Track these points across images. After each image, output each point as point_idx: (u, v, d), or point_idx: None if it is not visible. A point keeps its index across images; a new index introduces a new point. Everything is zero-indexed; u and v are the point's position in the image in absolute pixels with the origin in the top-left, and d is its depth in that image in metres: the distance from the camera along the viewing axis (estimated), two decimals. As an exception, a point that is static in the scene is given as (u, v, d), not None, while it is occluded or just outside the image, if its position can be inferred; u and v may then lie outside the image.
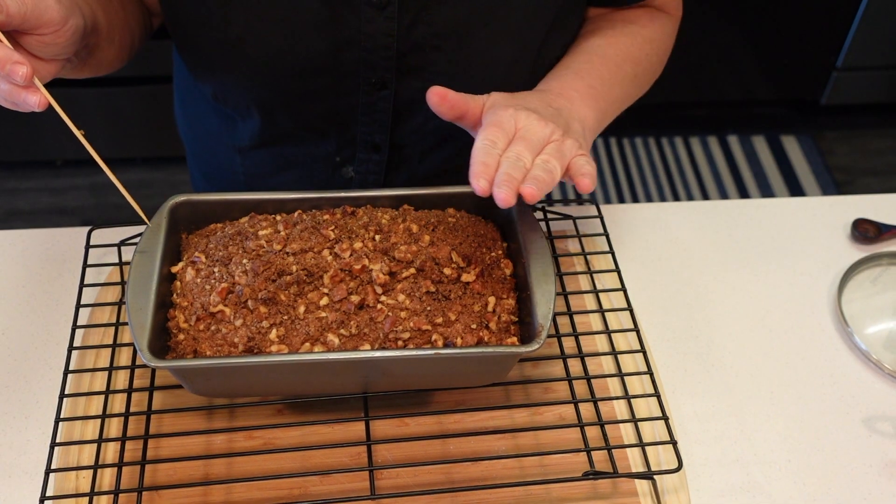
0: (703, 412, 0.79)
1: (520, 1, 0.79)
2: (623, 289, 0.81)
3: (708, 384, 0.81)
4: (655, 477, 0.71)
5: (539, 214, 0.88)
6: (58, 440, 0.69)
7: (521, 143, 0.67)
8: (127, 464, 0.69)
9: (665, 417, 0.72)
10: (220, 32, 0.78)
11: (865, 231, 0.94)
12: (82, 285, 0.78)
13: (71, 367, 0.74)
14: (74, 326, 0.76)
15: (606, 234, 0.85)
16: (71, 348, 0.74)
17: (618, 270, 0.83)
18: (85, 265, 0.80)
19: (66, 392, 0.71)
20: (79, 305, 0.77)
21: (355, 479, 0.71)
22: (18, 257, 0.88)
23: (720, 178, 2.27)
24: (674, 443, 0.71)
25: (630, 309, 0.80)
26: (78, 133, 0.66)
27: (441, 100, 0.71)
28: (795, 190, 2.23)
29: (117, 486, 0.67)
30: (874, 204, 0.98)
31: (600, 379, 0.78)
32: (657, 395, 0.74)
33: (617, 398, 0.76)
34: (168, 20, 0.83)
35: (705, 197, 2.21)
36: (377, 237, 0.72)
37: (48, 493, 0.66)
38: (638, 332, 0.79)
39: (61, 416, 0.70)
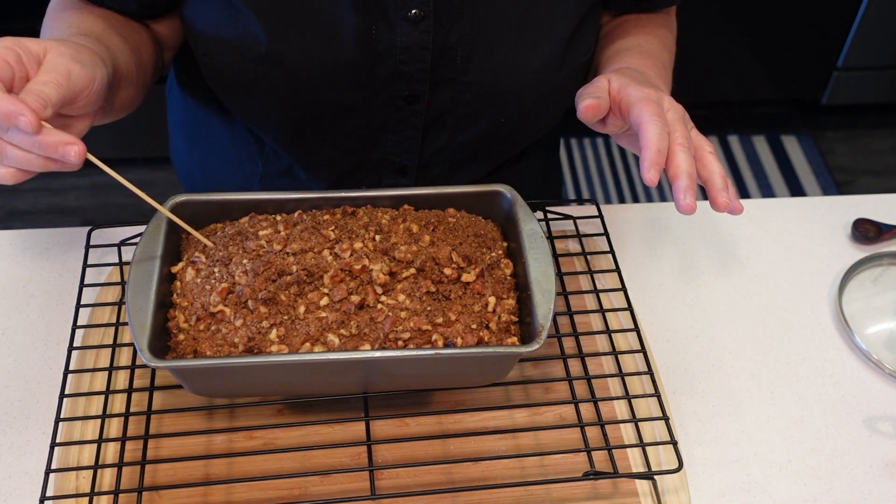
0: (703, 412, 0.79)
1: (545, 8, 0.80)
2: (623, 289, 0.81)
3: (708, 384, 0.81)
4: (656, 477, 0.71)
5: (539, 214, 0.88)
6: (58, 440, 0.69)
7: (679, 125, 0.67)
8: (127, 464, 0.69)
9: (665, 417, 0.72)
10: (256, 48, 0.78)
11: (866, 231, 0.94)
12: (82, 285, 0.78)
13: (71, 367, 0.74)
14: (74, 326, 0.76)
15: (606, 234, 0.85)
16: (71, 348, 0.74)
17: (618, 270, 0.83)
18: (85, 265, 0.80)
19: (66, 392, 0.71)
20: (79, 305, 0.77)
21: (355, 479, 0.71)
22: (18, 257, 0.88)
23: (720, 178, 2.26)
24: (674, 443, 0.70)
25: (630, 309, 0.80)
26: (123, 180, 0.66)
27: (595, 112, 0.68)
28: (796, 190, 2.23)
29: (117, 486, 0.67)
30: (874, 204, 0.98)
31: (600, 379, 0.78)
32: (657, 395, 0.74)
33: (617, 398, 0.76)
34: (196, 44, 0.82)
35: (705, 197, 2.21)
36: (377, 237, 0.72)
37: (48, 494, 0.66)
38: (638, 331, 0.79)
39: (61, 416, 0.70)
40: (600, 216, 0.87)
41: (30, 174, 0.61)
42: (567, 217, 0.89)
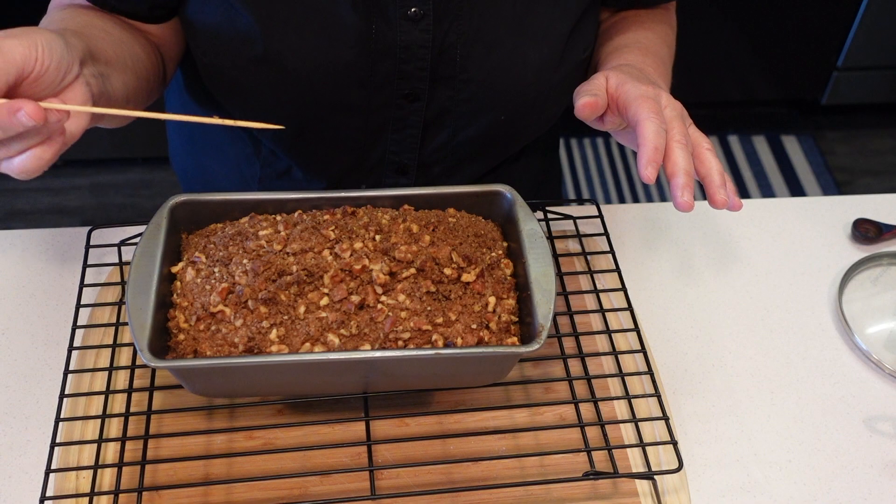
0: (703, 412, 0.79)
1: (545, 6, 0.80)
2: (623, 289, 0.81)
3: (708, 384, 0.81)
4: (656, 477, 0.71)
5: (539, 214, 0.88)
6: (58, 440, 0.69)
7: (677, 122, 0.67)
8: (127, 464, 0.69)
9: (665, 417, 0.72)
10: (257, 49, 0.78)
11: (866, 231, 0.94)
12: (82, 285, 0.78)
13: (71, 367, 0.74)
14: (74, 326, 0.76)
15: (606, 234, 0.85)
16: (71, 348, 0.74)
17: (618, 270, 0.83)
18: (85, 265, 0.80)
19: (66, 392, 0.71)
20: (79, 305, 0.77)
21: (355, 479, 0.71)
22: (18, 257, 0.88)
23: (720, 178, 2.27)
24: (674, 443, 0.70)
25: (630, 309, 0.80)
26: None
27: (592, 110, 0.68)
28: (796, 190, 2.23)
29: (117, 486, 0.67)
30: (874, 204, 0.98)
31: (601, 379, 0.78)
32: (657, 395, 0.74)
33: (617, 398, 0.76)
34: (196, 45, 0.82)
35: (705, 197, 2.21)
36: (377, 237, 0.72)
37: (48, 494, 0.66)
38: (638, 331, 0.79)
39: (61, 416, 0.70)
40: (600, 216, 0.87)
41: (43, 158, 0.58)
42: (567, 217, 0.89)
